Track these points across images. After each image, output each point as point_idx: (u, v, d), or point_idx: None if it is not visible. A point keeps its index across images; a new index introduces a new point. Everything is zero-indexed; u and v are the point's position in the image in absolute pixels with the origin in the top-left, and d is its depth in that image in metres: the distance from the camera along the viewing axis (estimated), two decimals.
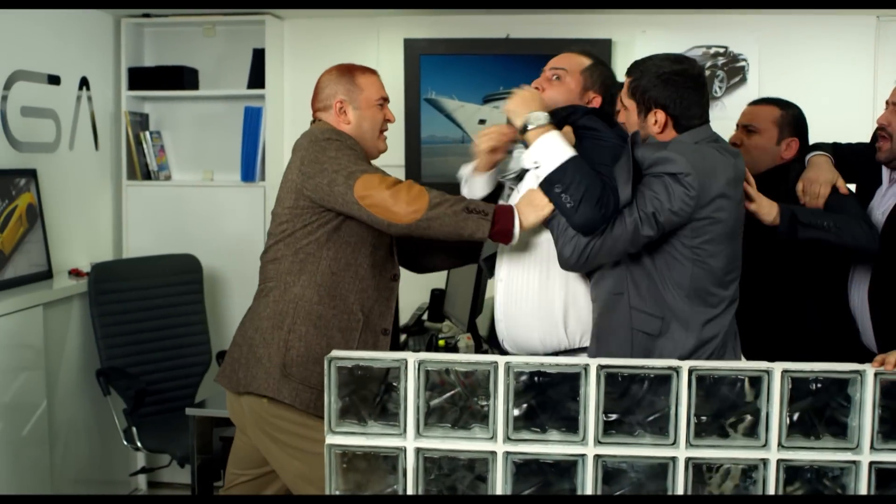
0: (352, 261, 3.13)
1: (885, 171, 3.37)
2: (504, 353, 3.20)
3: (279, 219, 3.18)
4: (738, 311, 3.01)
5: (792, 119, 3.50)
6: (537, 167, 2.88)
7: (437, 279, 4.47)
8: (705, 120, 2.95)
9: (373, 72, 3.32)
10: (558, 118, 3.01)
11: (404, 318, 4.21)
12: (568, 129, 3.00)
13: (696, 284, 2.87)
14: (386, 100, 3.30)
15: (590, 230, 2.81)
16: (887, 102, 3.39)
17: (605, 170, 2.87)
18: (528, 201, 2.94)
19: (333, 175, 3.00)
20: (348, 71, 3.29)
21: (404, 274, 3.36)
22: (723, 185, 2.83)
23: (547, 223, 2.95)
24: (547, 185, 2.86)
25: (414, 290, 4.47)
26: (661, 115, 2.92)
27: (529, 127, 2.89)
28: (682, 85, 2.89)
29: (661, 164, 2.81)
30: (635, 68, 2.96)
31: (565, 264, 2.92)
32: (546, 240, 3.02)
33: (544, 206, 2.90)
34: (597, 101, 3.14)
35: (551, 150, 2.86)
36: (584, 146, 2.94)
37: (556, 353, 3.09)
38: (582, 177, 2.81)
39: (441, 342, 4.14)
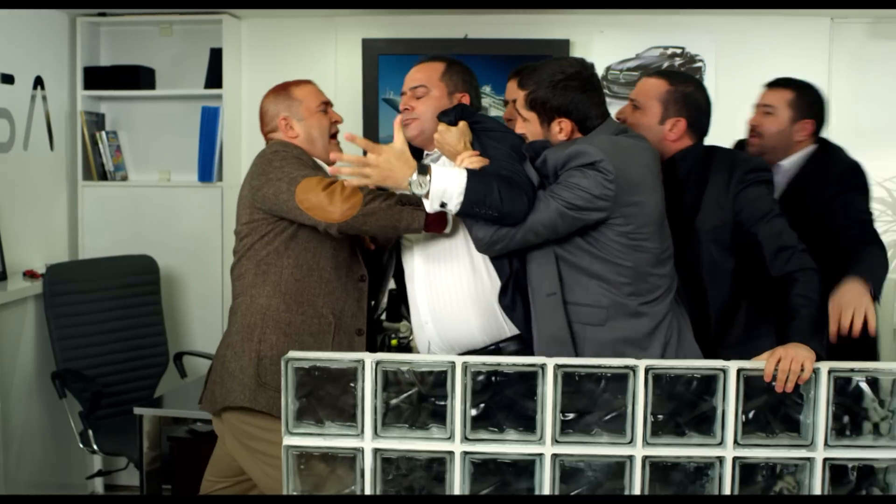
0: (314, 265, 3.14)
1: None
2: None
3: (239, 235, 3.22)
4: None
5: (681, 97, 3.10)
6: (445, 206, 2.79)
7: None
8: (606, 115, 2.97)
9: (307, 82, 3.36)
10: (451, 117, 3.08)
11: None
12: (464, 123, 3.05)
13: (637, 269, 2.87)
14: (327, 104, 3.34)
15: (526, 216, 2.82)
16: (756, 105, 3.57)
17: (503, 156, 2.94)
18: None
19: (278, 183, 3.04)
20: (283, 88, 3.32)
21: None
22: (642, 167, 2.85)
23: None
24: (468, 212, 2.80)
25: None
26: (565, 123, 2.91)
27: (421, 187, 2.77)
28: (578, 89, 2.90)
29: (574, 159, 2.80)
30: (528, 80, 2.94)
31: (481, 246, 2.90)
32: (464, 230, 3.03)
33: None
34: (466, 99, 3.20)
35: (447, 186, 2.77)
36: (482, 141, 3.01)
37: (499, 343, 3.09)
38: (486, 185, 2.78)
39: (394, 342, 4.12)
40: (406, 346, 4.12)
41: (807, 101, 3.56)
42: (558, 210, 2.79)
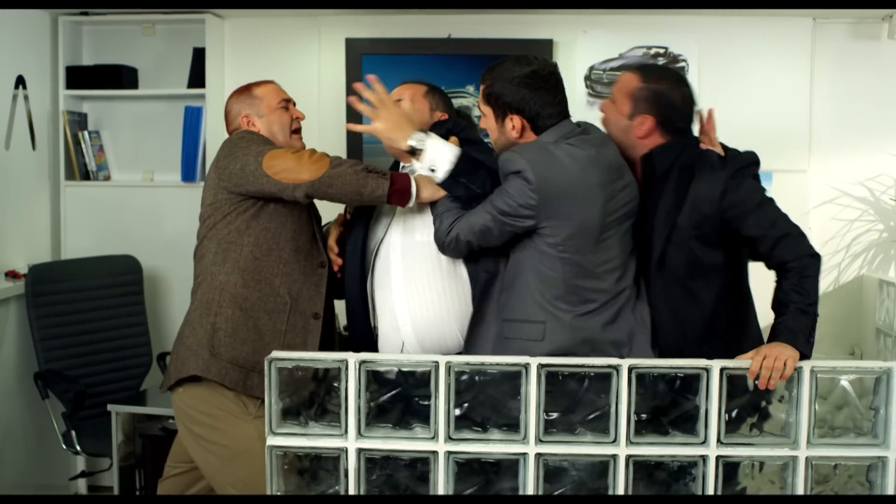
0: (273, 245, 3.19)
1: None
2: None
3: (202, 217, 3.28)
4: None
5: (651, 95, 2.99)
6: (433, 171, 3.02)
7: None
8: (563, 116, 2.97)
9: (269, 81, 3.45)
10: (443, 130, 3.15)
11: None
12: (454, 139, 3.13)
13: (568, 281, 2.87)
14: (288, 101, 3.41)
15: None
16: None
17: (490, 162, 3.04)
18: (428, 179, 3.05)
19: (245, 158, 3.12)
20: (245, 89, 3.42)
21: None
22: (574, 177, 2.83)
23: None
24: (451, 181, 3.01)
25: None
26: (517, 120, 2.94)
27: (417, 147, 3.01)
28: (533, 87, 2.92)
29: (504, 166, 2.87)
30: (488, 74, 2.99)
31: (436, 241, 3.02)
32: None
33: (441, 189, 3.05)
34: (444, 117, 3.28)
35: (440, 153, 3.01)
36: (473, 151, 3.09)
37: None
38: (474, 163, 3.00)
39: None
40: None
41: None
42: (490, 214, 2.88)
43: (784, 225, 2.88)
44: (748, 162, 3.04)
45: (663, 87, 3.02)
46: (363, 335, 3.24)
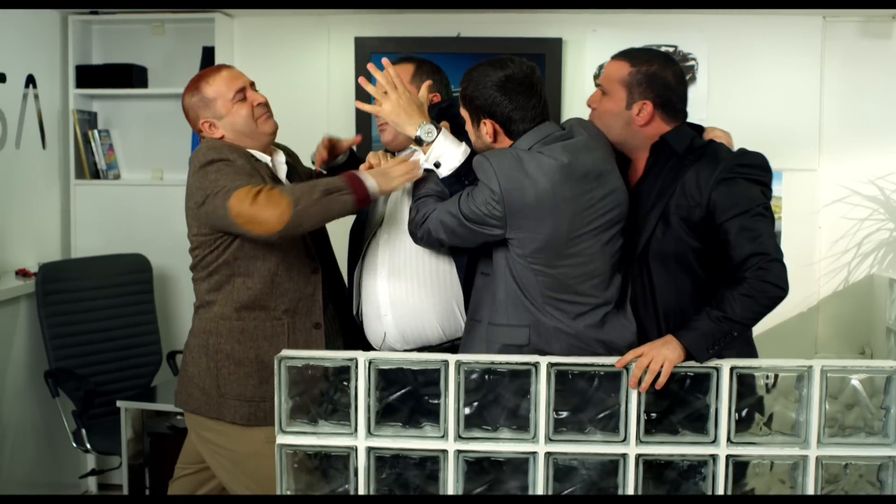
0: (264, 272, 3.13)
1: None
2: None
3: (191, 243, 3.21)
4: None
5: (644, 77, 2.89)
6: (438, 166, 2.93)
7: None
8: (540, 119, 2.86)
9: (216, 70, 3.25)
10: (436, 111, 3.10)
11: None
12: (445, 123, 3.02)
13: (545, 293, 2.81)
14: (244, 88, 3.21)
15: None
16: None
17: None
18: (381, 172, 3.00)
19: (213, 199, 2.96)
20: (196, 88, 3.21)
21: None
22: (543, 193, 2.73)
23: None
24: (453, 179, 2.93)
25: None
26: (489, 125, 2.86)
27: (425, 140, 2.92)
28: (506, 91, 2.81)
29: (476, 170, 2.81)
30: (465, 77, 2.90)
31: (410, 227, 2.99)
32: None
33: (396, 178, 2.99)
34: (436, 98, 3.23)
35: (448, 150, 2.92)
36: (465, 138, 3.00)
37: (454, 341, 3.11)
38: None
39: None
40: None
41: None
42: (457, 218, 2.83)
43: (769, 243, 2.73)
44: (755, 163, 2.85)
45: (655, 68, 2.90)
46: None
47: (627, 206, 2.87)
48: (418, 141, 2.93)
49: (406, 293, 3.12)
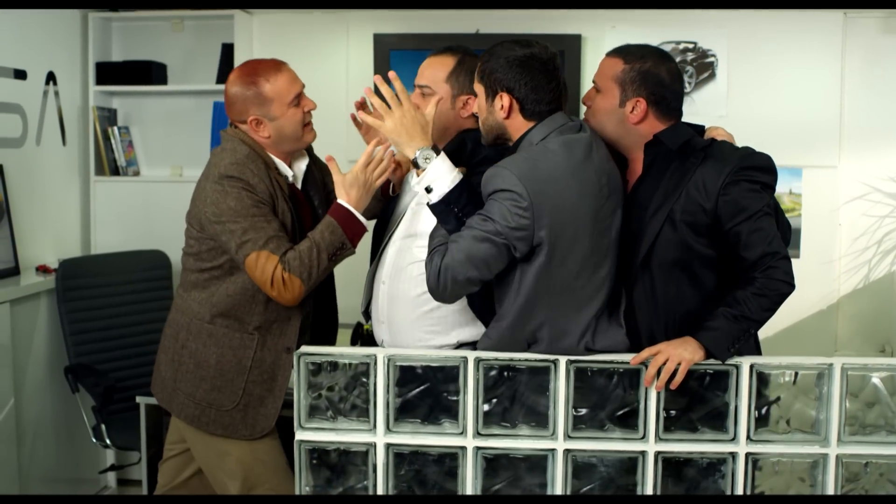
0: (249, 285, 3.11)
1: None
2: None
3: (189, 233, 3.21)
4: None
5: (637, 75, 2.83)
6: (430, 191, 2.81)
7: None
8: (555, 107, 2.82)
9: (277, 68, 3.15)
10: (455, 144, 3.03)
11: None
12: (463, 168, 2.92)
13: (542, 295, 2.75)
14: (300, 93, 3.16)
15: None
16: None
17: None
18: (359, 184, 3.04)
19: (229, 236, 3.02)
20: (252, 82, 3.11)
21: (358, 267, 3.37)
22: (566, 184, 2.69)
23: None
24: (443, 206, 2.80)
25: None
26: (506, 99, 2.79)
27: (421, 165, 2.82)
28: (529, 67, 2.77)
29: (492, 182, 2.71)
30: (487, 52, 2.85)
31: (430, 290, 2.81)
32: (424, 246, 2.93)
33: (374, 181, 3.06)
34: (472, 103, 3.01)
35: (441, 175, 2.80)
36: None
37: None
38: (470, 196, 2.79)
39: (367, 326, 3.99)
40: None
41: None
42: (485, 238, 2.69)
43: (777, 242, 2.72)
44: (761, 166, 2.80)
45: (649, 65, 2.84)
46: None
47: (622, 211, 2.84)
48: (415, 164, 2.84)
49: (398, 309, 3.04)
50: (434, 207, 2.81)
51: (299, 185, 3.27)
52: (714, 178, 2.74)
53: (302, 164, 3.29)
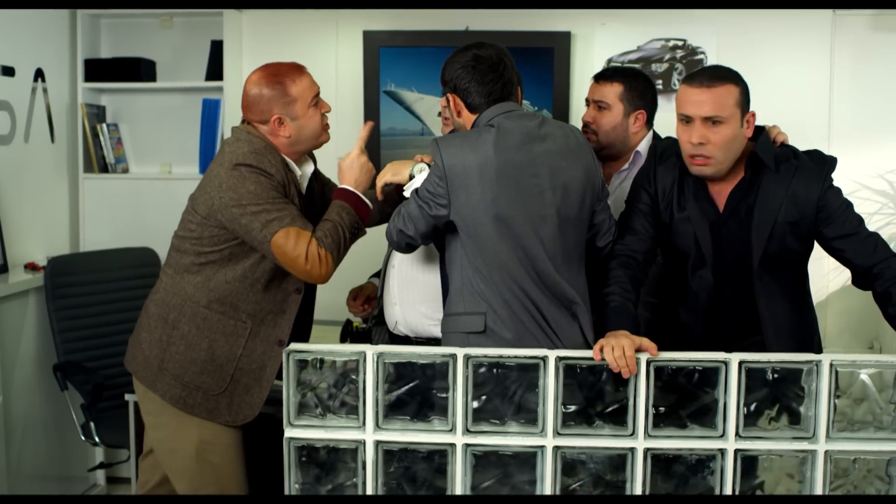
0: (249, 273, 3.16)
1: None
2: (393, 336, 3.37)
3: (191, 217, 3.20)
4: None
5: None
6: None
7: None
8: (498, 97, 3.01)
9: (300, 70, 3.26)
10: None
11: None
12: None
13: (494, 277, 2.92)
14: (318, 94, 3.26)
15: None
16: (587, 100, 3.58)
17: None
18: (356, 168, 3.18)
19: (251, 218, 3.02)
20: (277, 81, 3.18)
21: (357, 264, 3.43)
22: (488, 157, 2.88)
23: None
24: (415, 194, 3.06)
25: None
26: (453, 98, 3.06)
27: (416, 175, 3.05)
28: (470, 68, 3.00)
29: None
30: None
31: (389, 237, 3.10)
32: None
33: (365, 166, 3.20)
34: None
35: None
36: None
37: None
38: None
39: (356, 324, 3.99)
40: (368, 333, 3.97)
41: (637, 90, 3.55)
42: (413, 198, 2.99)
43: (864, 228, 3.02)
44: (833, 164, 3.14)
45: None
46: None
47: (579, 208, 2.98)
48: (410, 176, 3.06)
49: (412, 290, 3.23)
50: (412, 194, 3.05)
51: (303, 186, 3.29)
52: (812, 187, 3.04)
53: (308, 169, 3.33)
